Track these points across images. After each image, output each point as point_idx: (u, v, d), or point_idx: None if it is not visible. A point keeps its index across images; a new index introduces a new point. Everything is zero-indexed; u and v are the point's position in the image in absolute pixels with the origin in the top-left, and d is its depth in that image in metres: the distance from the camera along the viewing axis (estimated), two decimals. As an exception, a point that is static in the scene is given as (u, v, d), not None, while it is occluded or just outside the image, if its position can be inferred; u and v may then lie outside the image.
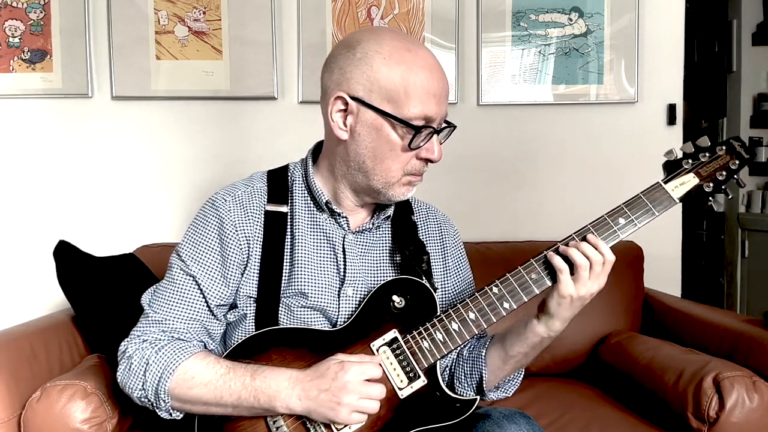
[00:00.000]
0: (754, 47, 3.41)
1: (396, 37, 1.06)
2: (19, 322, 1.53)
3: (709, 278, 3.63)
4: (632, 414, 1.50)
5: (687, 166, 1.12)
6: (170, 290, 1.11)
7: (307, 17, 2.07)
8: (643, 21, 2.13)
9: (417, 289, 1.10)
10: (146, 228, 2.06)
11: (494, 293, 1.07)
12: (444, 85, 1.07)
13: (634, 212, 1.10)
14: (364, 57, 1.04)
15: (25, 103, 2.05)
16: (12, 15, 2.02)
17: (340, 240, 1.15)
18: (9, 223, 2.05)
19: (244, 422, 1.04)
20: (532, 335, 1.10)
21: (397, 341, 1.06)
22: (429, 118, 1.05)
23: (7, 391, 1.22)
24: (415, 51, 1.05)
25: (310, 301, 1.11)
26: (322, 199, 1.13)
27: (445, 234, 1.27)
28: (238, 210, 1.12)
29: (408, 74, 1.02)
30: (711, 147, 1.12)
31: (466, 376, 1.18)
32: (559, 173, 2.16)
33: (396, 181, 1.09)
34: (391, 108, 1.03)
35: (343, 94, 1.05)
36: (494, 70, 2.12)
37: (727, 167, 1.12)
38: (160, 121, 2.08)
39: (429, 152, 1.07)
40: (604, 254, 1.05)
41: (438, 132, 1.08)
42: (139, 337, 1.09)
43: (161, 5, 2.04)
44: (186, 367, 1.04)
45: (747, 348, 1.46)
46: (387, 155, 1.06)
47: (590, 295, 1.06)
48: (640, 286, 1.93)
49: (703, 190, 1.12)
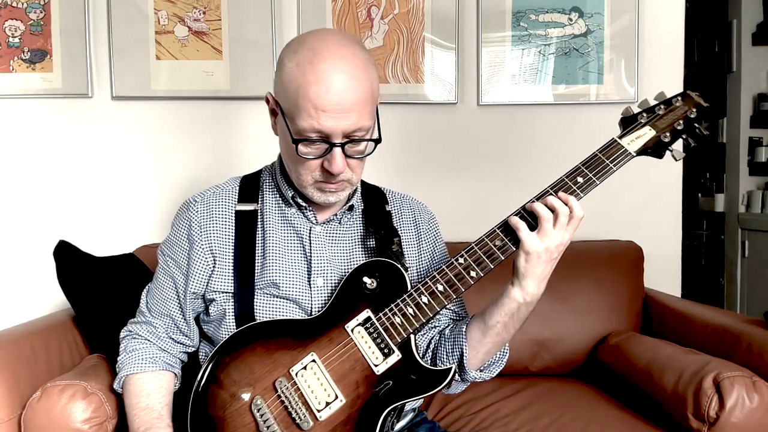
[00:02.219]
0: (754, 47, 3.41)
1: (314, 46, 1.03)
2: (19, 322, 1.53)
3: (709, 278, 3.64)
4: (632, 414, 1.50)
5: (642, 120, 1.13)
6: (155, 286, 1.24)
7: (307, 17, 2.07)
8: (643, 21, 2.13)
9: (387, 269, 1.14)
10: (146, 228, 2.06)
11: (460, 264, 1.09)
12: (348, 99, 1.02)
13: (591, 170, 1.11)
14: (280, 63, 1.08)
15: (25, 103, 2.05)
16: (12, 15, 2.02)
17: (307, 232, 1.19)
18: (9, 223, 2.05)
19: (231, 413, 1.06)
20: (509, 300, 1.11)
21: (370, 320, 1.10)
22: (321, 132, 1.04)
23: (7, 391, 1.23)
24: (318, 64, 1.01)
25: (282, 291, 1.15)
26: (288, 194, 1.18)
27: (419, 217, 1.31)
28: (204, 211, 1.19)
29: (302, 87, 1.02)
30: (667, 100, 1.14)
31: (447, 355, 1.19)
32: (559, 173, 2.15)
33: (308, 185, 1.12)
34: (288, 117, 1.07)
35: (269, 94, 1.13)
36: (494, 70, 2.12)
37: (686, 117, 1.13)
38: (160, 121, 2.08)
39: (328, 164, 1.07)
40: (572, 208, 1.07)
41: (339, 146, 1.05)
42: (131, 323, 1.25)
43: (161, 5, 2.04)
44: (134, 380, 1.18)
45: (747, 348, 1.45)
46: (293, 160, 1.11)
47: (556, 247, 1.06)
48: (640, 286, 1.93)
49: (661, 141, 1.12)
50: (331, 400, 1.05)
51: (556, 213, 1.06)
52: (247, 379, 1.07)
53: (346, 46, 1.05)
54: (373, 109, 1.08)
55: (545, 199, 1.09)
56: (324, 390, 1.06)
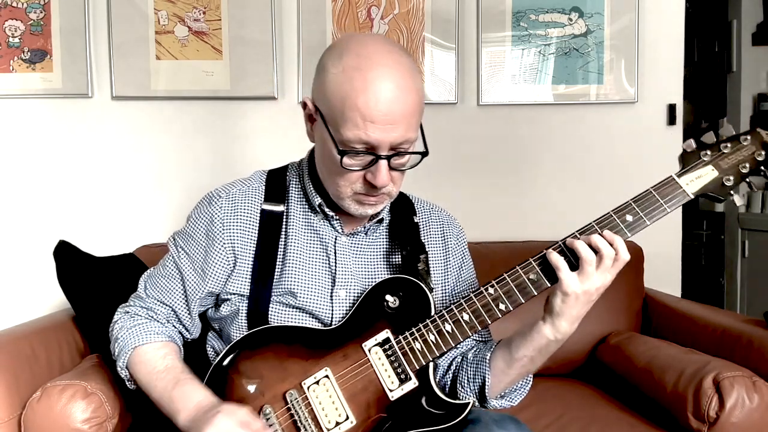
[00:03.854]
0: (754, 47, 3.41)
1: (360, 53, 0.99)
2: (19, 322, 1.53)
3: (709, 278, 3.63)
4: (632, 414, 1.50)
5: (705, 158, 1.03)
6: (159, 273, 1.17)
7: (307, 17, 2.07)
8: (643, 21, 2.13)
9: (411, 288, 1.09)
10: (146, 228, 2.06)
11: (490, 294, 1.04)
12: (397, 110, 0.97)
13: (643, 209, 1.02)
14: (323, 68, 1.03)
15: (25, 103, 2.05)
16: (12, 15, 2.02)
17: (332, 242, 1.14)
18: (9, 223, 2.05)
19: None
20: (539, 337, 1.06)
21: (389, 342, 1.05)
22: (368, 144, 0.99)
23: (7, 391, 1.22)
24: (366, 72, 0.97)
25: (298, 301, 1.11)
26: (315, 201, 1.13)
27: (448, 234, 1.24)
28: (229, 208, 1.13)
29: (347, 97, 0.97)
30: (734, 136, 1.03)
31: (469, 381, 1.15)
32: (559, 173, 2.16)
33: (345, 197, 1.06)
34: (332, 126, 1.01)
35: (308, 99, 1.07)
36: (494, 70, 2.12)
37: (753, 159, 1.02)
38: (160, 121, 2.08)
39: (372, 177, 1.02)
40: (618, 249, 0.99)
41: (387, 158, 1.00)
42: (123, 308, 1.18)
43: (161, 5, 2.04)
44: (142, 350, 1.10)
45: (747, 348, 1.45)
46: (331, 170, 1.05)
47: (596, 290, 1.01)
48: (640, 286, 1.93)
49: (723, 184, 1.02)
50: (341, 420, 1.02)
51: (600, 255, 0.99)
52: (257, 386, 1.05)
53: (393, 53, 1.00)
54: (419, 120, 1.03)
55: (589, 237, 1.00)
56: (335, 409, 1.03)
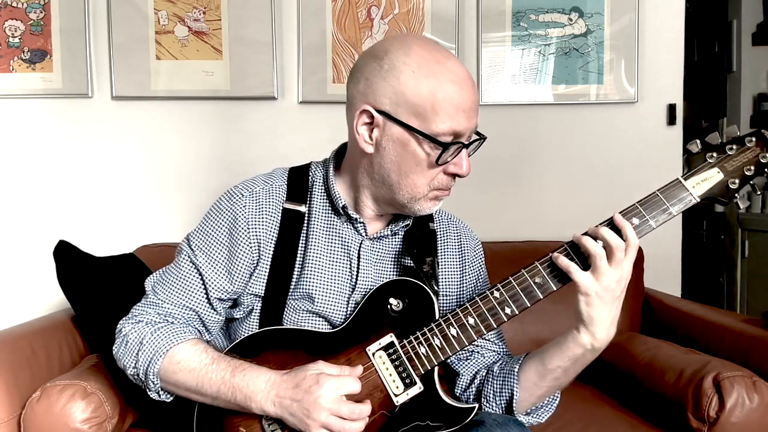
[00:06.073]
0: (754, 47, 3.41)
1: (425, 48, 1.01)
2: (19, 322, 1.53)
3: (709, 278, 3.63)
4: (632, 414, 1.50)
5: (711, 160, 1.02)
6: (174, 276, 1.11)
7: (307, 17, 2.07)
8: (643, 21, 2.13)
9: (416, 291, 1.07)
10: (146, 228, 2.06)
11: (495, 298, 1.03)
12: (474, 98, 1.01)
13: (649, 212, 1.01)
14: (392, 68, 1.00)
15: (25, 103, 2.05)
16: (12, 15, 2.02)
17: (356, 246, 1.12)
18: (9, 223, 2.05)
19: (240, 422, 1.04)
20: (575, 346, 1.03)
21: (393, 346, 1.04)
22: (458, 133, 1.00)
23: (7, 391, 1.22)
24: (444, 63, 0.99)
25: (315, 306, 1.09)
26: (339, 203, 1.10)
27: (464, 242, 1.23)
28: (253, 207, 1.10)
29: (436, 88, 0.98)
30: (740, 138, 1.02)
31: (495, 395, 1.11)
32: (559, 173, 2.16)
33: (422, 196, 1.05)
34: (418, 123, 0.99)
35: (368, 107, 1.02)
36: (494, 70, 2.12)
37: (758, 161, 1.02)
38: (160, 122, 2.08)
39: (457, 167, 1.03)
40: (628, 236, 0.97)
41: (467, 146, 1.03)
42: (135, 317, 1.10)
43: (161, 5, 2.04)
44: (176, 352, 1.04)
45: (747, 348, 1.46)
46: (413, 170, 1.03)
47: (617, 284, 0.98)
48: (640, 286, 1.93)
49: (729, 187, 1.02)
50: None
51: (609, 247, 0.97)
52: None
53: (440, 46, 1.05)
54: None
55: (596, 230, 0.99)
56: None
